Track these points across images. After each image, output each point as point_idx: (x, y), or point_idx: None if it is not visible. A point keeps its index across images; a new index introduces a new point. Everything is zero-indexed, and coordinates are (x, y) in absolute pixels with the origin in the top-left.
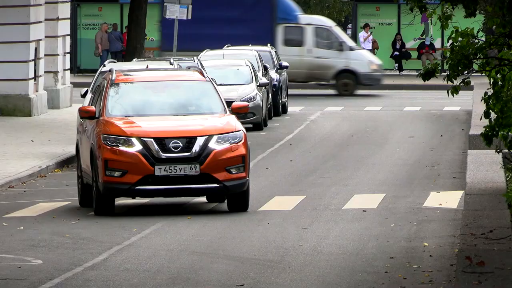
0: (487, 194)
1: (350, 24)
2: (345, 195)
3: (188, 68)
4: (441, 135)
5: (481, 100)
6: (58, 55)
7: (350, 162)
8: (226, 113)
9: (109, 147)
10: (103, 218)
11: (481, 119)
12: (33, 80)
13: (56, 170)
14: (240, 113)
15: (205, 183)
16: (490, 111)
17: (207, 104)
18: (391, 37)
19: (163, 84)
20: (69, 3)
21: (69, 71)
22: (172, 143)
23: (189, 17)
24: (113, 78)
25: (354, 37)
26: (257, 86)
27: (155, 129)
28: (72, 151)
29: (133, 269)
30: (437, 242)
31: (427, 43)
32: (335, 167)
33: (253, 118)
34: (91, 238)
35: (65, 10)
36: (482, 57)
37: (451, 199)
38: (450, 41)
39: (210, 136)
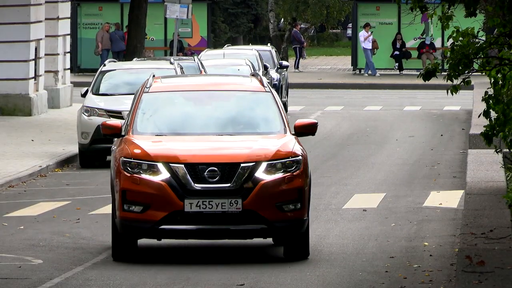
0: (487, 194)
1: (350, 24)
2: (345, 194)
3: (253, 74)
4: (441, 135)
5: (482, 100)
6: (58, 54)
7: (350, 161)
8: (286, 133)
9: (128, 174)
10: (103, 217)
11: (479, 117)
12: (33, 79)
13: (56, 170)
14: (306, 133)
15: (249, 222)
16: (490, 110)
17: (264, 121)
18: (391, 37)
19: (210, 95)
20: (69, 2)
21: (69, 70)
22: (208, 171)
23: (189, 17)
24: (148, 86)
25: (355, 37)
26: None
27: (187, 152)
28: (73, 150)
29: (133, 268)
30: (437, 242)
31: (428, 42)
32: (335, 167)
33: None
34: (91, 238)
35: (65, 9)
36: (482, 56)
37: (451, 199)
38: (451, 41)
39: (257, 163)
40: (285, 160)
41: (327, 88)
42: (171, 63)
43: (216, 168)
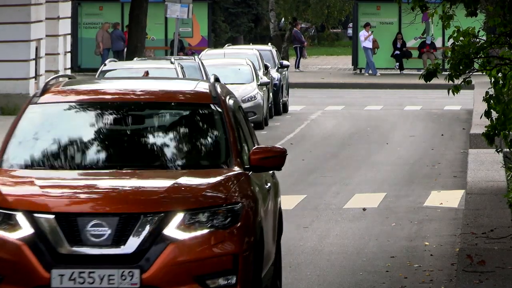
0: (488, 193)
1: (351, 24)
2: (346, 194)
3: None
4: (442, 134)
5: (483, 100)
6: (58, 54)
7: (351, 161)
8: (231, 166)
9: None
10: None
11: (481, 117)
12: (34, 79)
13: None
14: (268, 167)
15: None
16: (491, 110)
17: (199, 149)
18: (392, 36)
19: (124, 108)
20: (70, 2)
21: (70, 70)
22: (91, 226)
23: (190, 16)
24: (38, 94)
25: (355, 37)
26: (258, 85)
27: (62, 196)
28: None
29: None
30: (438, 241)
31: (428, 42)
32: (336, 166)
33: (254, 118)
34: None
35: (65, 9)
36: (483, 56)
37: (452, 198)
38: (451, 40)
39: (169, 213)
40: (214, 209)
41: (328, 88)
42: (171, 62)
43: (103, 222)
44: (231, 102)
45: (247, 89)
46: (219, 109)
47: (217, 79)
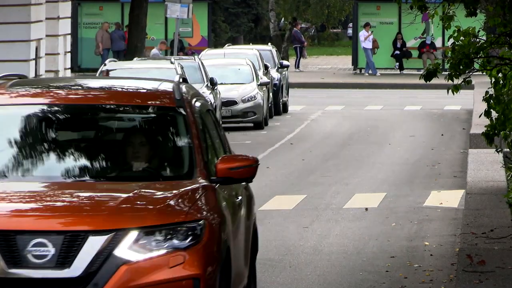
0: (488, 193)
1: (351, 23)
2: (346, 194)
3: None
4: (442, 134)
5: (483, 100)
6: (58, 54)
7: (351, 161)
8: (195, 178)
9: None
10: None
11: (480, 116)
12: None
13: None
14: (237, 179)
15: None
16: (491, 110)
17: (158, 159)
18: (392, 36)
19: (75, 112)
20: (70, 2)
21: (70, 70)
22: (32, 246)
23: (190, 16)
24: None
25: (355, 37)
26: (258, 85)
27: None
28: None
29: None
30: (438, 241)
31: (428, 42)
32: (336, 166)
33: (254, 117)
34: None
35: (65, 9)
36: (483, 56)
37: (451, 198)
38: (451, 40)
39: (120, 232)
40: (173, 226)
41: (328, 88)
42: (171, 62)
43: (46, 241)
44: (198, 105)
45: (247, 89)
46: (183, 113)
47: (184, 79)
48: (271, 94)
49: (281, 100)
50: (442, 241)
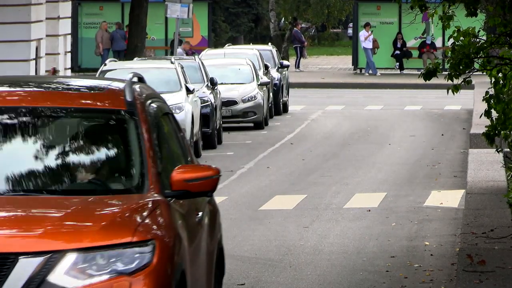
0: (488, 193)
1: (351, 23)
2: (346, 194)
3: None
4: (442, 134)
5: (483, 100)
6: (59, 54)
7: (351, 161)
8: (146, 191)
9: None
10: None
11: (480, 117)
12: None
13: None
14: (194, 192)
15: None
16: (492, 110)
17: (104, 169)
18: (392, 36)
19: (6, 117)
20: (70, 2)
21: (70, 70)
22: None
23: (190, 16)
24: None
25: (356, 36)
26: (258, 85)
27: None
28: None
29: None
30: (438, 241)
31: (428, 42)
32: (336, 166)
33: (254, 117)
34: None
35: (66, 9)
36: (483, 56)
37: (452, 198)
38: (451, 40)
39: (55, 255)
40: (117, 248)
41: (328, 88)
42: (171, 62)
43: None
44: (153, 108)
45: (247, 89)
46: (135, 117)
47: (140, 79)
48: (271, 94)
49: (281, 100)
50: (442, 241)
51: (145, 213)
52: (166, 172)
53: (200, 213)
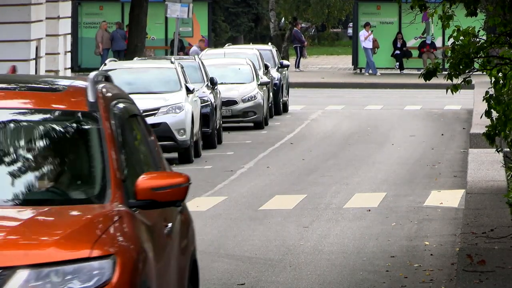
0: (488, 193)
1: (351, 23)
2: (346, 194)
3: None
4: (442, 134)
5: (483, 100)
6: (59, 54)
7: (351, 161)
8: (107, 201)
9: None
10: None
11: (481, 117)
12: None
13: None
14: (161, 202)
15: None
16: (492, 110)
17: (65, 178)
18: (392, 36)
19: None
20: (70, 1)
21: (70, 70)
22: None
23: (190, 16)
24: None
25: (356, 36)
26: (258, 85)
27: None
28: None
29: None
30: (438, 241)
31: (428, 42)
32: (336, 166)
33: (254, 117)
34: None
35: (66, 8)
36: (483, 56)
37: (452, 198)
38: (451, 40)
39: (6, 271)
40: (73, 264)
41: (328, 88)
42: (171, 62)
43: None
44: (119, 109)
45: (247, 88)
46: (97, 120)
47: (106, 78)
48: (271, 93)
49: (281, 100)
50: (442, 240)
51: (105, 225)
52: (131, 179)
53: (170, 224)
